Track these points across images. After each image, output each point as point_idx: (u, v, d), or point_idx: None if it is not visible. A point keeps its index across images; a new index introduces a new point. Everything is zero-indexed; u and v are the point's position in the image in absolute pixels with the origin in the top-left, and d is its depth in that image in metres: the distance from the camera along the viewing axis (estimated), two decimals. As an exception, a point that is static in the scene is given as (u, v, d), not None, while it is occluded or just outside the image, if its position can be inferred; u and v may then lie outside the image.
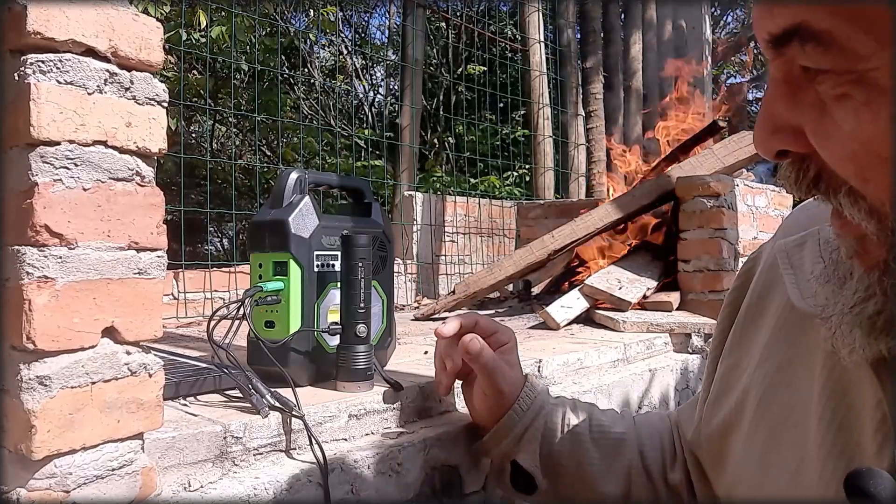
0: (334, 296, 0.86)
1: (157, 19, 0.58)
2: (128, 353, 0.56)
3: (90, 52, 0.54)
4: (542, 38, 3.58)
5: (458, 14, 3.67)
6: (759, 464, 0.46)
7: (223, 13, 3.22)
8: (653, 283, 1.84)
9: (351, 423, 0.78)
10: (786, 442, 0.44)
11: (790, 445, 0.43)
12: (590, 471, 0.64)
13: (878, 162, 0.31)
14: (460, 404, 0.90)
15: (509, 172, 4.64)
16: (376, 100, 5.57)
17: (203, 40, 3.12)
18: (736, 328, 0.53)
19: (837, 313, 0.37)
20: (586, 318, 1.76)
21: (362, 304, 0.81)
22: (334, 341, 0.85)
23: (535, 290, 2.29)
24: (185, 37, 2.85)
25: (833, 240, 0.41)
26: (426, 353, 1.21)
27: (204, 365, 0.85)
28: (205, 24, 3.06)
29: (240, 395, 0.74)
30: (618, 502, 0.64)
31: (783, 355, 0.46)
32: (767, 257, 0.52)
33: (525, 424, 0.67)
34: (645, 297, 1.79)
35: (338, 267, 0.86)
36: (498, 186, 4.26)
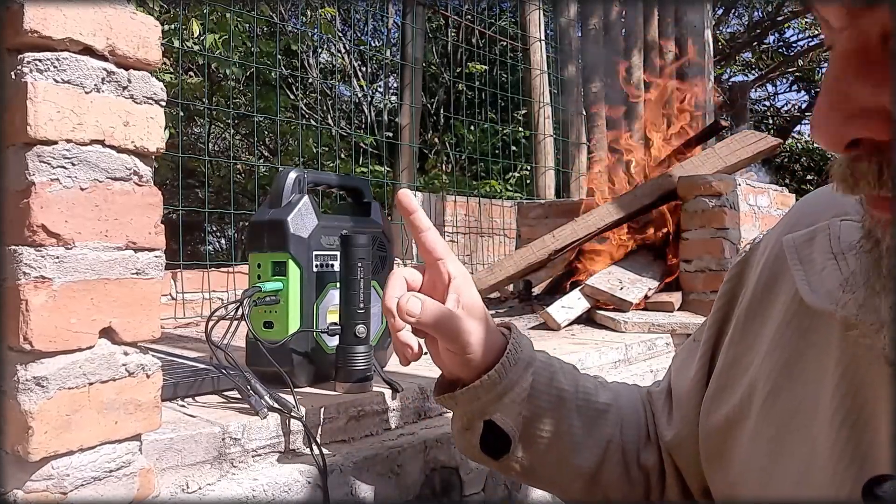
0: (333, 296, 0.85)
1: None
2: (125, 353, 0.55)
3: (87, 50, 0.53)
4: (542, 37, 3.57)
5: (458, 13, 3.67)
6: (767, 461, 0.45)
7: (217, 18, 3.19)
8: (654, 284, 1.83)
9: (350, 424, 0.77)
10: (795, 440, 0.43)
11: (800, 444, 0.42)
12: (568, 439, 0.58)
13: None
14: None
15: (511, 174, 4.63)
16: (374, 99, 5.55)
17: (196, 48, 3.09)
18: (738, 321, 0.51)
19: (887, 319, 0.35)
20: (587, 319, 1.75)
21: (362, 305, 0.81)
22: (333, 342, 0.84)
23: (536, 290, 2.28)
24: (176, 44, 2.83)
25: (853, 241, 0.39)
26: (426, 353, 1.21)
27: (202, 366, 0.85)
28: (198, 33, 3.02)
29: (238, 396, 0.74)
30: (586, 476, 0.59)
31: (792, 351, 0.45)
32: (772, 249, 0.50)
33: (511, 382, 0.58)
34: (646, 297, 1.79)
35: (337, 267, 0.85)
36: (499, 191, 4.25)
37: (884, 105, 0.29)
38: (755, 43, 8.64)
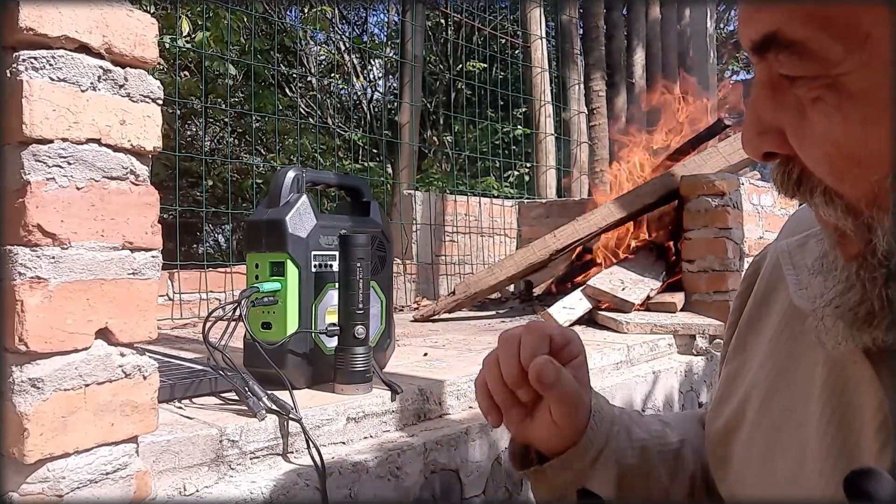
0: (332, 296, 0.85)
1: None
2: (122, 354, 0.55)
3: (83, 48, 0.53)
4: (543, 35, 3.56)
5: (457, 10, 3.66)
6: (761, 465, 0.45)
7: (209, 16, 3.17)
8: (657, 284, 1.82)
9: (349, 426, 0.77)
10: (787, 442, 0.44)
11: (791, 445, 0.43)
12: (658, 486, 0.59)
13: (851, 162, 0.33)
14: (460, 406, 0.89)
15: (510, 172, 4.62)
16: (374, 98, 5.53)
17: (189, 46, 3.07)
18: (739, 331, 0.52)
19: (822, 304, 0.38)
20: (589, 320, 1.75)
21: (361, 305, 0.80)
22: (332, 343, 0.84)
23: (537, 290, 2.28)
24: (168, 45, 2.81)
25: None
26: (426, 354, 1.20)
27: (199, 367, 0.84)
28: (187, 30, 3.00)
29: (236, 397, 0.73)
30: None
31: (786, 356, 0.46)
32: (771, 259, 0.52)
33: (599, 447, 0.56)
34: (649, 297, 1.78)
35: (336, 267, 0.85)
36: (496, 188, 4.24)
37: (781, 125, 0.35)
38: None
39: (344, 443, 0.76)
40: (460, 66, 3.75)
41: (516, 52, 3.79)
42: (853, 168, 0.33)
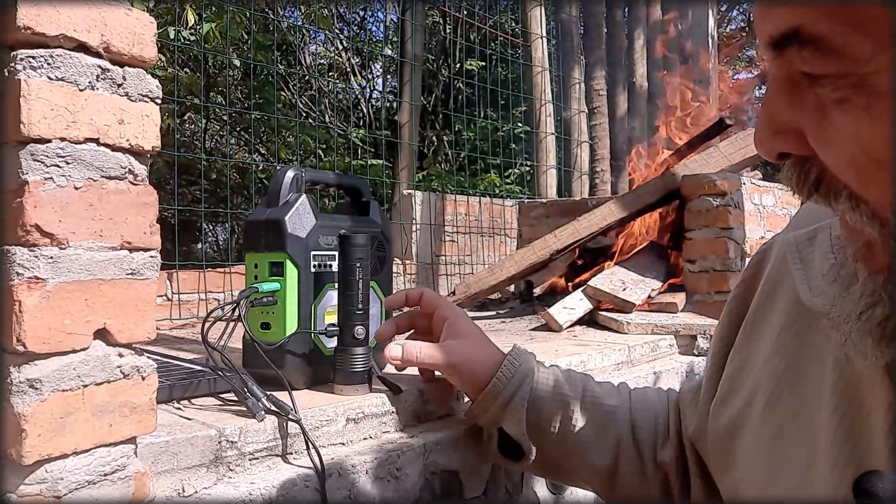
0: (332, 297, 0.84)
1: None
2: (120, 355, 0.54)
3: (82, 47, 0.52)
4: (544, 34, 3.55)
5: (457, 9, 3.65)
6: (768, 464, 0.45)
7: (213, 10, 3.18)
8: (658, 284, 1.82)
9: (349, 427, 0.76)
10: (795, 442, 0.43)
11: (799, 445, 0.43)
12: (578, 440, 0.64)
13: (878, 167, 0.31)
14: (460, 407, 0.89)
15: (511, 170, 4.62)
16: (373, 96, 5.52)
17: (193, 38, 3.06)
18: (746, 325, 0.52)
19: (846, 319, 0.37)
20: (589, 320, 1.74)
21: (360, 306, 0.80)
22: (332, 343, 0.83)
23: (538, 290, 2.27)
24: (172, 35, 2.81)
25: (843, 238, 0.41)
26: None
27: (198, 368, 0.84)
28: (193, 21, 3.01)
29: (235, 398, 0.73)
30: (604, 474, 0.64)
31: (792, 353, 0.46)
32: (779, 251, 0.51)
33: (509, 392, 0.67)
34: (650, 297, 1.78)
35: (335, 267, 0.85)
36: (498, 185, 4.23)
37: (798, 125, 0.33)
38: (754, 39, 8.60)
39: (343, 444, 0.76)
40: (459, 64, 3.74)
41: (517, 51, 3.79)
42: (881, 173, 0.31)
